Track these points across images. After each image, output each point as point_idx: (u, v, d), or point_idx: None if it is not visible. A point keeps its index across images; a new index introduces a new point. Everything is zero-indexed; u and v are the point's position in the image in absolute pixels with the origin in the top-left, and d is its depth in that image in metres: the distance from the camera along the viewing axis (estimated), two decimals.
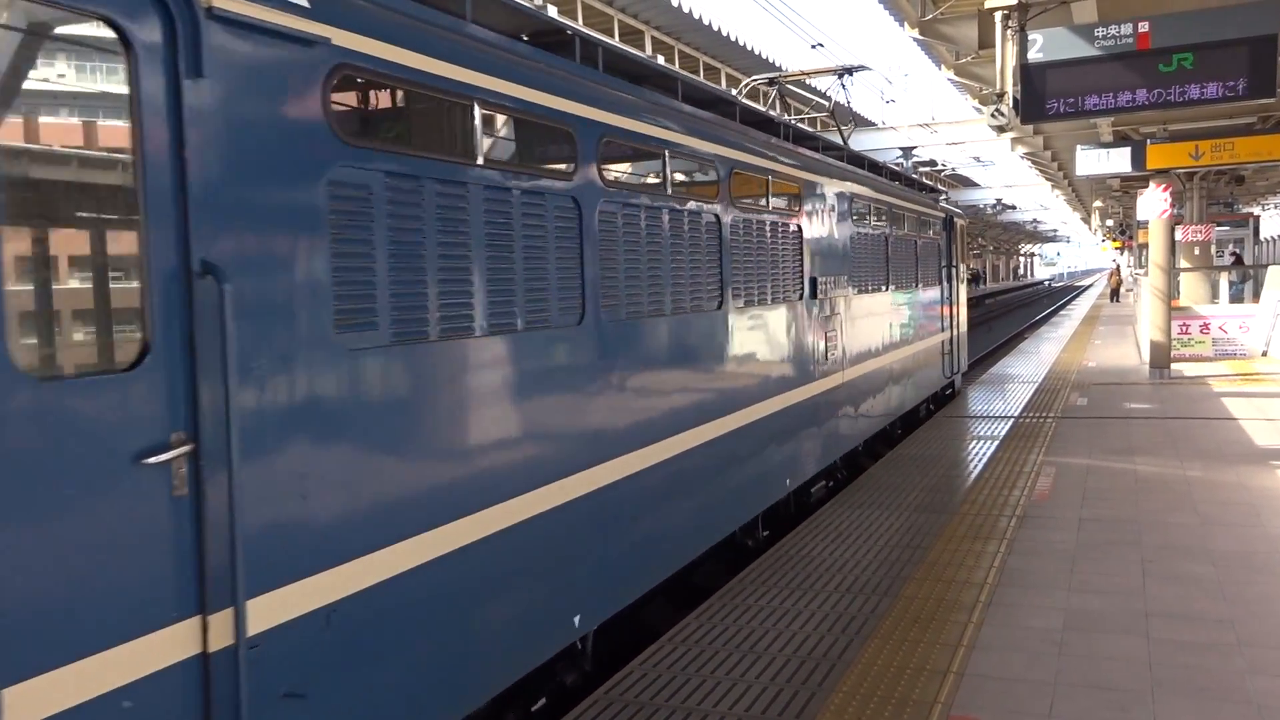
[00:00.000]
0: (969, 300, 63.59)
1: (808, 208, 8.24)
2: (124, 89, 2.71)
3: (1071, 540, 7.05)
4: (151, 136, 2.72)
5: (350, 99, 3.71)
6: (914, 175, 15.26)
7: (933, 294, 13.70)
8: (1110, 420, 12.22)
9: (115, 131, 2.78)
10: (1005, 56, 10.35)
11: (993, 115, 10.54)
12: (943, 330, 14.34)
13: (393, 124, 4.07)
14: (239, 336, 2.91)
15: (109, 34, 2.68)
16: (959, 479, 9.13)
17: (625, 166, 5.65)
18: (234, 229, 2.95)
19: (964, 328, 16.50)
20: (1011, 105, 10.37)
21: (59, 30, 2.68)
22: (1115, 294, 46.48)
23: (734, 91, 12.74)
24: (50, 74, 2.72)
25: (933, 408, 14.32)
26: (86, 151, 2.89)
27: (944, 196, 17.41)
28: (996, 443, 10.88)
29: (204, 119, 2.85)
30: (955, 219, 15.44)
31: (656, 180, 5.79)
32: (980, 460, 9.94)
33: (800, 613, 5.75)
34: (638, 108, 5.52)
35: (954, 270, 15.18)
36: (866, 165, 11.23)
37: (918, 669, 4.90)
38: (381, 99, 3.92)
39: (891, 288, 11.05)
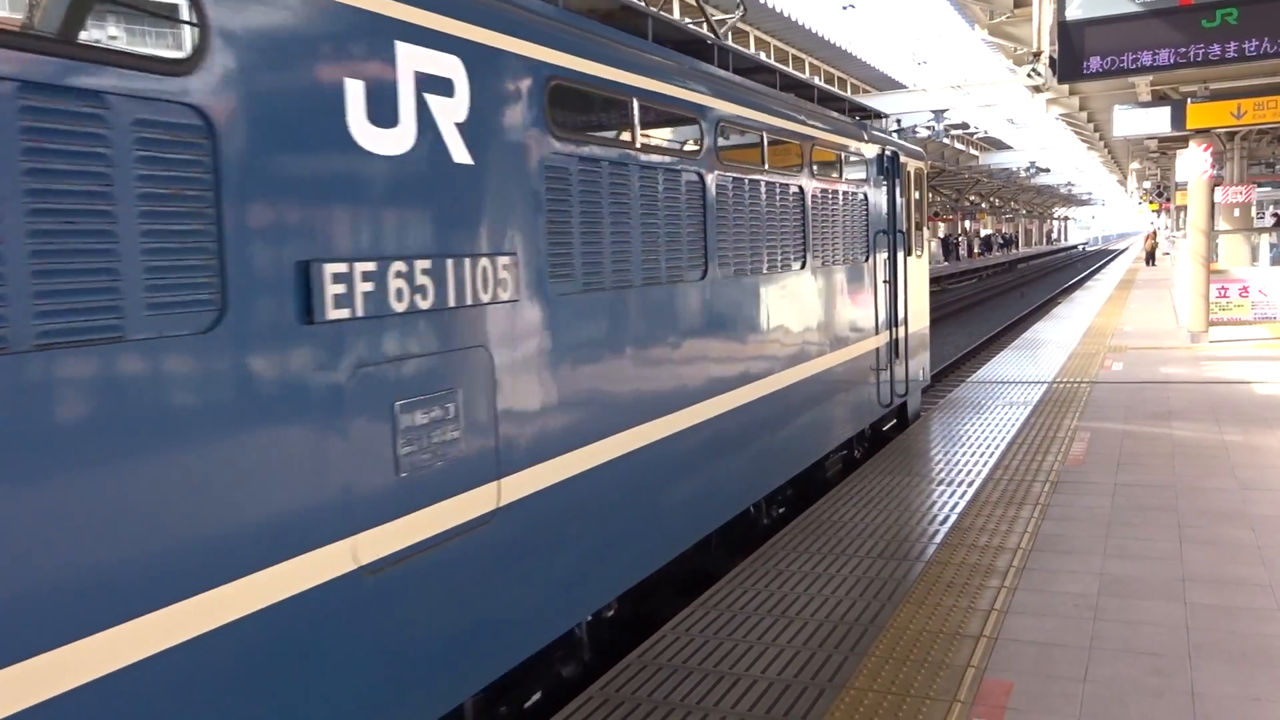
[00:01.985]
0: (997, 265, 62.30)
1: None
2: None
3: (1107, 505, 6.99)
4: None
5: None
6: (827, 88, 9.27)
7: (850, 279, 8.47)
8: (1146, 385, 12.07)
9: None
10: (1042, 14, 10.14)
11: (1029, 75, 10.33)
12: (876, 333, 9.19)
13: None
14: None
15: None
16: (991, 444, 9.06)
17: None
18: None
19: (922, 324, 11.14)
20: (1048, 65, 10.16)
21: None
22: (1151, 257, 45.80)
23: None
24: None
25: (859, 454, 9.50)
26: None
27: (893, 128, 11.14)
28: (1029, 408, 10.79)
29: None
30: (901, 158, 10.02)
31: None
32: (1013, 425, 9.86)
33: (832, 577, 5.76)
34: None
35: (901, 238, 9.86)
36: (673, 43, 6.07)
37: (951, 633, 4.90)
38: None
39: (733, 270, 6.21)
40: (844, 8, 25.48)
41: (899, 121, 12.54)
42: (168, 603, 2.65)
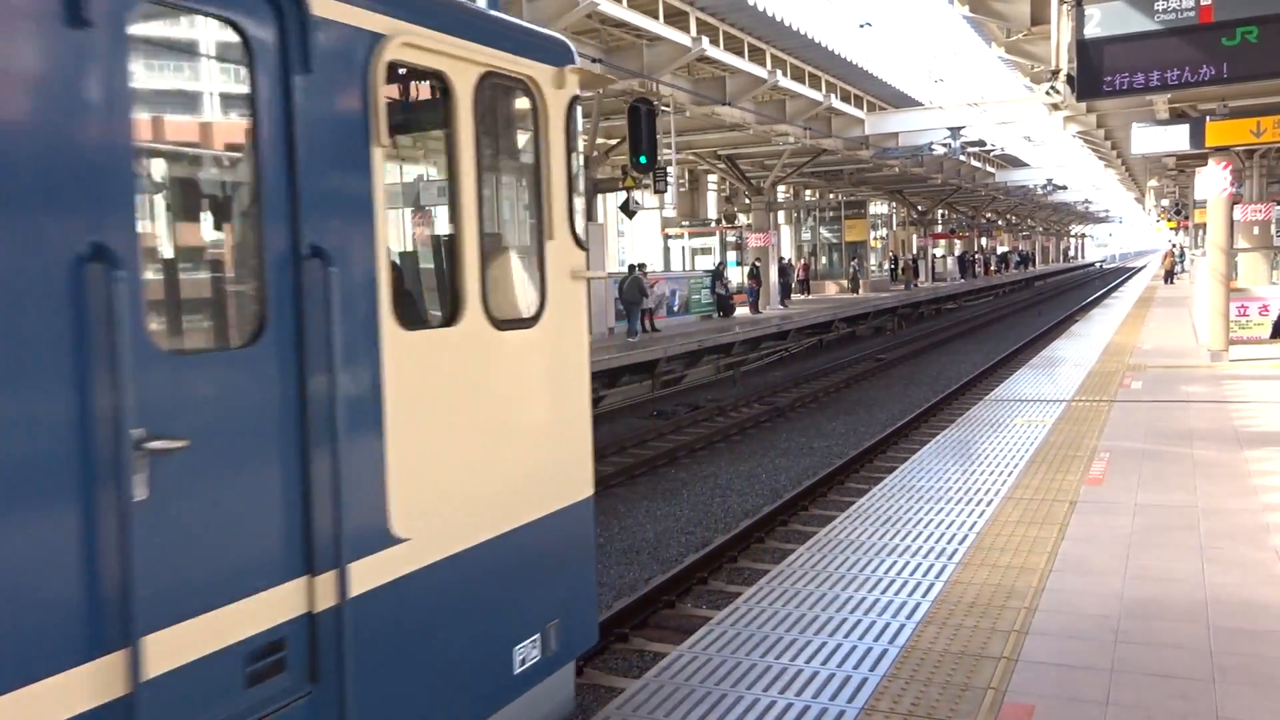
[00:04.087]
0: (1013, 282, 63.28)
1: None
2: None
3: (1128, 526, 6.92)
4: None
5: None
6: None
7: None
8: (1167, 404, 11.97)
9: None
10: (1060, 32, 10.13)
11: (1047, 93, 10.32)
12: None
13: None
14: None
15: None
16: (1010, 463, 8.99)
17: None
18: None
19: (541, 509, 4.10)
20: (1066, 82, 10.14)
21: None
22: (1170, 275, 45.59)
23: None
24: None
25: None
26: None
27: None
28: (1048, 427, 10.71)
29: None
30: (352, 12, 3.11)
31: None
32: (1032, 444, 9.79)
33: (850, 599, 5.71)
34: None
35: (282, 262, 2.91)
36: None
37: (971, 654, 4.85)
38: None
39: None
40: (861, 26, 25.56)
41: None
42: None
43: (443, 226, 3.98)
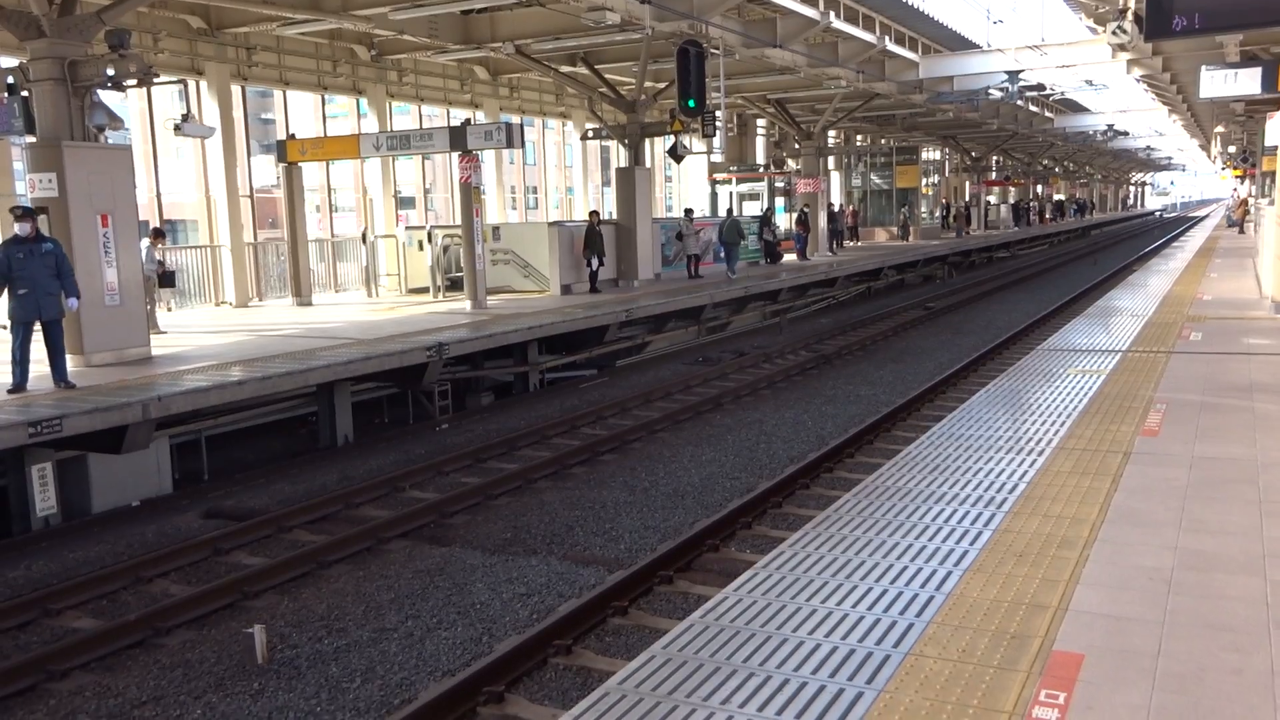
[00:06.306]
0: (1069, 231, 62.16)
1: None
2: None
3: (1183, 478, 6.79)
4: None
5: None
6: None
7: None
8: (1227, 356, 11.68)
9: None
10: None
11: (1113, 33, 9.95)
12: None
13: None
14: None
15: None
16: (1063, 413, 8.84)
17: None
18: None
19: None
20: (1134, 21, 9.77)
21: None
22: (1240, 224, 44.37)
23: None
24: None
25: None
26: None
27: None
28: (1103, 377, 10.51)
29: None
30: None
31: None
32: (1086, 394, 9.62)
33: (896, 545, 5.69)
34: None
35: None
36: None
37: (1018, 603, 4.81)
38: None
39: None
40: None
41: None
42: None
43: None
